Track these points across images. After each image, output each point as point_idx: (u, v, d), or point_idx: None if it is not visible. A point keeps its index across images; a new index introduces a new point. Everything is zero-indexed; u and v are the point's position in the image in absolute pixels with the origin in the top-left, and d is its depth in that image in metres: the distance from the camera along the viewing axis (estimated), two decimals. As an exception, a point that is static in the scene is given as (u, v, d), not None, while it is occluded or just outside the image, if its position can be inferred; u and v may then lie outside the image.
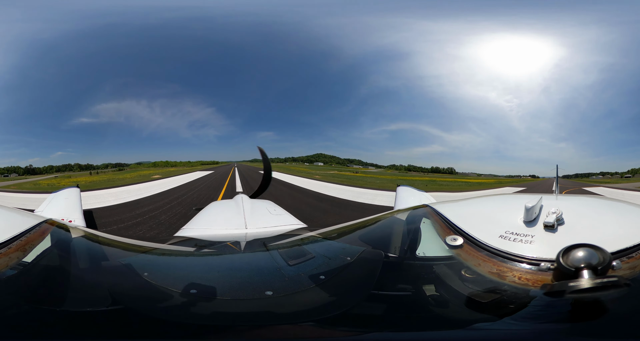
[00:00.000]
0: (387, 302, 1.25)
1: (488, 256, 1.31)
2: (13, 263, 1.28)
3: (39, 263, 1.41)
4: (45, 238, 1.57)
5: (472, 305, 1.15)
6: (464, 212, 1.80)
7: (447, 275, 1.35)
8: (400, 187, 3.81)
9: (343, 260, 1.60)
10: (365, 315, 1.17)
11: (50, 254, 1.53)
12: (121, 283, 1.37)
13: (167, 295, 1.26)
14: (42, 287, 1.29)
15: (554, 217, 1.38)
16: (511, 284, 1.19)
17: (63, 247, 1.69)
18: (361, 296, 1.25)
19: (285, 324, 1.14)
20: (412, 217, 2.03)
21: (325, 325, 1.10)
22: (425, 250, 1.56)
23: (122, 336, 1.05)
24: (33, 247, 1.43)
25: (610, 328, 0.97)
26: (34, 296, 1.21)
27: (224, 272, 1.57)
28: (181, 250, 2.04)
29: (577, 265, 1.02)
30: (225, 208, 3.24)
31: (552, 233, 1.36)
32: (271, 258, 1.67)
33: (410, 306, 1.23)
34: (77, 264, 1.58)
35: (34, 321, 1.05)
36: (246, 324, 1.13)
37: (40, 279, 1.35)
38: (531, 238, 1.34)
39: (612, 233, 1.36)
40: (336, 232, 2.27)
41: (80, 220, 2.88)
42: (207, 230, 2.50)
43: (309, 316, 1.14)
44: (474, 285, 1.24)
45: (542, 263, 1.19)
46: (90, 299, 1.23)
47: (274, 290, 1.27)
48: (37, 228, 1.58)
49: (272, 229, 2.47)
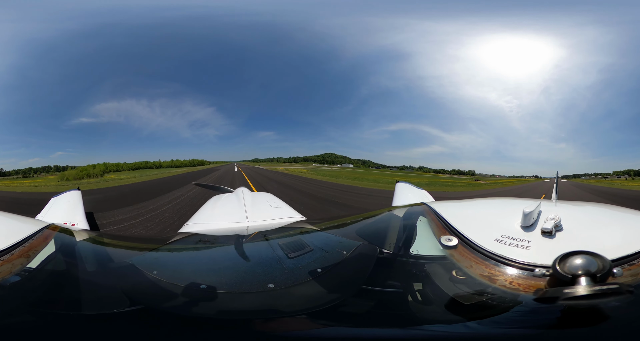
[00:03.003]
0: (375, 298, 1.26)
1: (481, 258, 1.30)
2: (17, 270, 1.28)
3: (45, 268, 1.40)
4: (49, 244, 1.56)
5: (452, 306, 1.14)
6: (461, 213, 1.79)
7: (437, 274, 1.35)
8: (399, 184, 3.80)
9: (339, 253, 1.61)
10: (352, 310, 1.18)
11: (56, 259, 1.53)
12: (133, 283, 1.38)
13: (180, 291, 1.28)
14: (51, 292, 1.29)
15: (552, 223, 1.37)
16: (500, 288, 1.18)
17: (68, 251, 1.69)
18: (352, 291, 1.26)
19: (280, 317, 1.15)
20: (409, 215, 2.03)
21: (312, 318, 1.11)
22: (419, 249, 1.55)
23: (151, 335, 1.07)
24: (37, 252, 1.43)
25: (611, 336, 0.95)
26: (42, 302, 1.21)
27: (229, 266, 1.59)
28: (185, 246, 2.07)
29: (574, 272, 1.00)
30: (226, 202, 3.26)
31: (550, 239, 1.34)
32: (272, 251, 1.68)
33: (396, 303, 1.24)
34: (85, 267, 1.58)
35: (53, 326, 1.06)
36: (251, 317, 1.15)
37: (48, 284, 1.34)
38: (527, 244, 1.33)
39: (612, 240, 1.34)
40: (335, 225, 2.29)
41: (83, 223, 2.88)
42: (209, 225, 2.52)
43: (301, 310, 1.16)
44: (462, 287, 1.24)
45: (537, 269, 1.17)
46: (107, 301, 1.23)
47: (276, 283, 1.29)
48: (39, 234, 1.58)
49: (272, 222, 2.50)
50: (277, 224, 2.40)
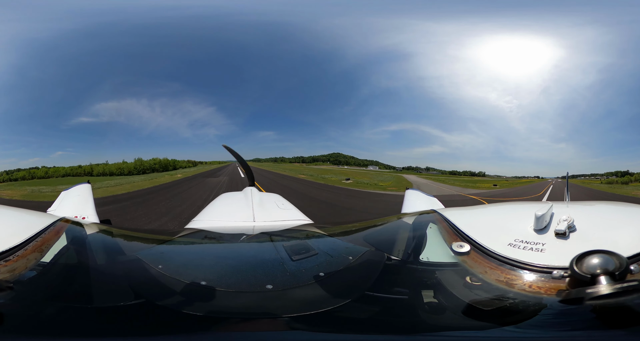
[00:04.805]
0: (379, 304, 1.25)
1: (496, 264, 1.30)
2: (32, 265, 1.29)
3: (58, 262, 1.42)
4: (61, 237, 1.59)
5: (471, 312, 1.13)
6: (472, 219, 1.79)
7: (449, 281, 1.34)
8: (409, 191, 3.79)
9: (345, 259, 1.60)
10: (352, 314, 1.18)
11: (68, 252, 1.55)
12: (139, 277, 1.40)
13: (180, 287, 1.29)
14: (67, 285, 1.31)
15: (565, 224, 1.37)
16: (520, 292, 1.17)
17: (79, 244, 1.72)
18: (353, 295, 1.25)
19: (267, 318, 1.16)
20: (419, 222, 2.02)
21: (303, 321, 1.11)
22: (430, 255, 1.55)
23: (150, 329, 1.09)
24: (49, 246, 1.45)
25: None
26: (59, 295, 1.23)
27: (231, 264, 1.60)
28: (191, 242, 2.08)
29: (592, 271, 1.01)
30: (234, 200, 3.27)
31: (564, 240, 1.34)
32: (276, 252, 1.68)
33: (403, 310, 1.23)
34: (95, 260, 1.61)
35: (69, 320, 1.09)
36: (241, 317, 1.17)
37: (62, 278, 1.36)
38: (542, 246, 1.32)
39: (627, 237, 1.34)
40: (342, 231, 2.28)
41: (93, 215, 2.89)
42: (216, 222, 2.53)
43: (295, 312, 1.16)
44: (478, 292, 1.23)
45: (555, 271, 1.17)
46: (115, 294, 1.26)
47: (274, 284, 1.29)
48: (51, 228, 1.60)
49: (279, 223, 2.49)
50: (284, 225, 2.39)
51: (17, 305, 1.11)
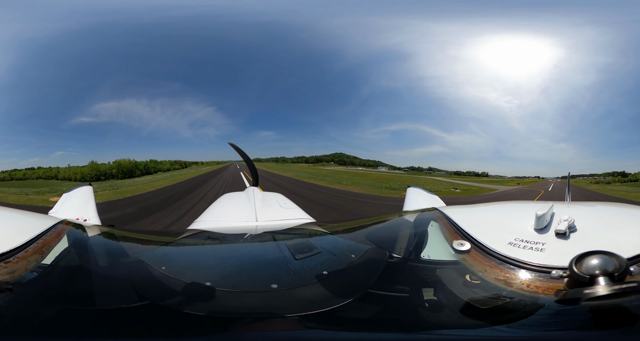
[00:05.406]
0: (381, 302, 1.25)
1: (496, 262, 1.30)
2: (32, 267, 1.29)
3: (59, 264, 1.42)
4: (62, 239, 1.58)
5: (469, 310, 1.14)
6: (473, 218, 1.79)
7: (450, 279, 1.34)
8: (410, 188, 3.79)
9: (347, 257, 1.61)
10: (356, 313, 1.18)
11: (69, 254, 1.55)
12: (142, 278, 1.40)
13: (185, 288, 1.29)
14: (68, 288, 1.31)
15: (565, 224, 1.37)
16: (518, 291, 1.17)
17: (81, 247, 1.71)
18: (356, 294, 1.25)
19: (274, 317, 1.16)
20: (420, 220, 2.03)
21: (310, 320, 1.12)
22: (430, 253, 1.56)
23: (155, 330, 1.09)
24: (50, 248, 1.44)
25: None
26: (60, 298, 1.23)
27: (235, 264, 1.60)
28: (194, 242, 2.08)
29: (591, 272, 1.01)
30: (237, 200, 3.28)
31: (564, 240, 1.34)
32: (279, 252, 1.68)
33: (404, 307, 1.24)
34: (97, 262, 1.60)
35: (69, 322, 1.08)
36: (249, 317, 1.17)
37: (63, 280, 1.36)
38: (542, 246, 1.33)
39: (627, 238, 1.34)
40: (344, 229, 2.29)
41: (95, 217, 2.91)
42: (219, 222, 2.54)
43: (301, 311, 1.16)
44: (477, 291, 1.24)
45: (554, 271, 1.17)
46: (117, 296, 1.26)
47: (279, 283, 1.29)
48: (53, 230, 1.59)
49: (281, 222, 2.50)
50: (286, 225, 2.40)
51: (15, 307, 1.10)
